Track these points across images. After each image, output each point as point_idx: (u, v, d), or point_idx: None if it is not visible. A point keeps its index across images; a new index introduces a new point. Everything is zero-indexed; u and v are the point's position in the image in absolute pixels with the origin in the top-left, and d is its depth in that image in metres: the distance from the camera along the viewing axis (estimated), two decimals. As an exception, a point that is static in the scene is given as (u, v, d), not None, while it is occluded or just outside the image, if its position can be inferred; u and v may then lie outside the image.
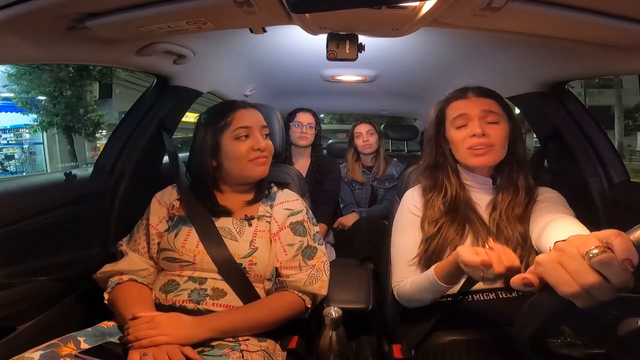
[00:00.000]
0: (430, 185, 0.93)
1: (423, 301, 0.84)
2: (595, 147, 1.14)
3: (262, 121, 0.97)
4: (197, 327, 0.75)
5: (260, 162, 0.93)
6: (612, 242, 0.39)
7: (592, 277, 0.39)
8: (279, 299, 0.89)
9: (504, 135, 0.84)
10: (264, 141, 0.94)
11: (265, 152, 0.94)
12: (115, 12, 0.70)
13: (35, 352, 0.66)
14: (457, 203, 0.89)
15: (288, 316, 0.88)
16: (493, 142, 0.83)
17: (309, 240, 0.95)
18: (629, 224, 0.41)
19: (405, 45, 1.20)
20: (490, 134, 0.83)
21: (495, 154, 0.84)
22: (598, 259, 0.39)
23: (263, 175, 0.96)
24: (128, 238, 0.96)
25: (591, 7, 0.67)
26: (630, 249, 0.38)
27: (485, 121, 0.84)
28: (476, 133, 0.83)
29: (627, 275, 0.37)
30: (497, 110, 0.85)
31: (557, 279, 0.41)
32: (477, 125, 0.83)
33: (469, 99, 0.87)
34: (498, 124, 0.84)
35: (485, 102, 0.86)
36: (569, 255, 0.41)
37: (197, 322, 0.76)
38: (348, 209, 1.98)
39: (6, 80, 8.00)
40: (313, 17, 0.78)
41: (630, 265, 0.37)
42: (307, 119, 1.83)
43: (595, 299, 0.39)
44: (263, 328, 0.83)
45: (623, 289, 0.38)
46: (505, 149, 0.86)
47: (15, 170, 9.68)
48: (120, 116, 6.02)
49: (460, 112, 0.87)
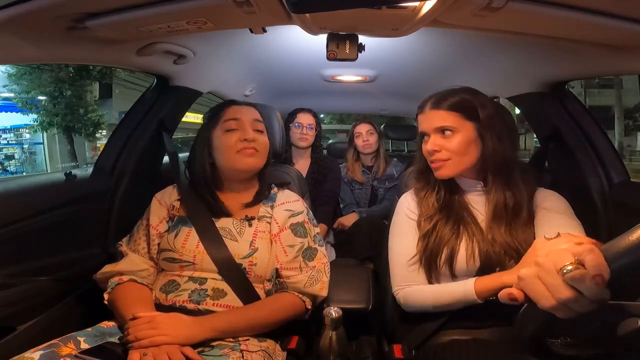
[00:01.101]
0: (423, 185, 0.94)
1: (438, 309, 0.83)
2: (595, 147, 1.14)
3: (255, 116, 0.97)
4: (197, 327, 0.75)
5: (247, 152, 0.91)
6: (585, 258, 0.40)
7: (566, 292, 0.41)
8: (280, 300, 0.89)
9: (459, 146, 0.83)
10: (254, 134, 0.93)
11: (255, 144, 0.93)
12: (115, 12, 0.70)
13: (35, 352, 0.66)
14: (451, 200, 0.89)
15: (288, 317, 0.88)
16: (447, 157, 0.84)
17: (309, 242, 0.95)
18: (629, 224, 0.41)
19: (405, 45, 1.20)
20: (444, 147, 0.83)
21: (450, 166, 0.85)
22: (570, 275, 0.40)
23: (252, 167, 0.94)
24: (128, 238, 0.96)
25: (591, 7, 0.67)
26: (601, 264, 0.39)
27: (439, 135, 0.85)
28: (428, 151, 0.86)
29: (599, 289, 0.39)
30: (450, 122, 0.83)
31: (536, 293, 0.44)
32: (430, 142, 0.85)
33: (425, 113, 0.87)
34: (452, 135, 0.83)
35: (437, 116, 0.84)
36: (546, 271, 0.43)
37: (198, 322, 0.76)
38: (348, 209, 1.98)
39: (6, 80, 8.02)
40: (313, 17, 0.78)
41: (601, 280, 0.39)
42: (308, 119, 1.83)
43: (574, 311, 0.41)
44: (263, 328, 0.83)
45: (599, 302, 0.40)
46: (471, 154, 0.84)
47: (15, 170, 9.69)
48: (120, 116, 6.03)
49: (420, 129, 0.89)
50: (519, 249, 0.79)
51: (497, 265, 0.80)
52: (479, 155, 0.84)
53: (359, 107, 2.87)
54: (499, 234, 0.82)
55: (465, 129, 0.83)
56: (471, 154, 0.84)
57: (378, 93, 2.05)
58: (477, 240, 0.83)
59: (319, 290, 0.91)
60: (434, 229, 0.86)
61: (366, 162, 2.06)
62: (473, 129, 0.83)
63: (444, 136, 0.84)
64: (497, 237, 0.82)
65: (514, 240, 0.81)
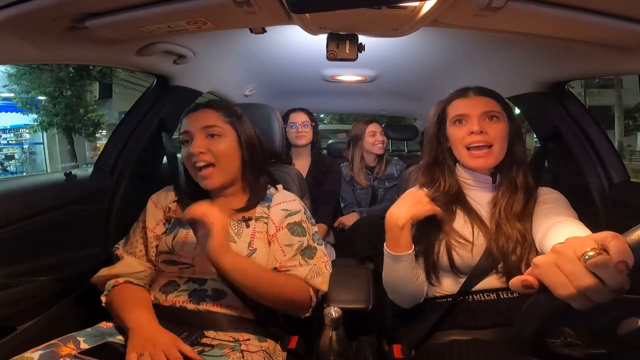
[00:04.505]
0: (427, 181, 0.94)
1: (395, 290, 0.88)
2: (595, 147, 1.14)
3: (207, 121, 0.88)
4: (227, 247, 0.76)
5: (203, 175, 0.86)
6: (608, 244, 0.39)
7: (587, 280, 0.39)
8: (290, 279, 0.86)
9: (502, 133, 0.84)
10: (207, 141, 0.86)
11: (208, 156, 0.86)
12: (115, 12, 0.70)
13: (35, 352, 0.66)
14: (454, 195, 0.89)
15: (294, 299, 0.84)
16: (491, 141, 0.83)
17: (308, 240, 0.93)
18: (629, 224, 0.41)
19: (405, 45, 1.20)
20: (489, 132, 0.83)
21: (493, 155, 0.84)
22: (593, 261, 0.39)
23: (215, 186, 0.88)
24: (124, 241, 0.95)
25: (591, 7, 0.67)
26: (625, 251, 0.38)
27: (484, 119, 0.84)
28: (474, 130, 0.83)
29: (623, 277, 0.38)
30: (497, 109, 0.85)
31: (553, 281, 0.41)
32: (475, 123, 0.83)
33: (469, 98, 0.87)
34: (498, 121, 0.84)
35: (485, 101, 0.86)
36: (565, 258, 0.41)
37: (227, 245, 0.76)
38: (349, 209, 1.97)
39: (6, 80, 8.03)
40: (313, 17, 0.78)
41: (625, 267, 0.37)
42: (301, 117, 1.82)
43: (592, 301, 0.39)
44: (269, 293, 0.81)
45: (619, 291, 0.38)
46: (505, 150, 0.86)
47: (15, 170, 9.69)
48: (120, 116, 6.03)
49: (459, 111, 0.87)
50: (525, 237, 0.81)
51: (501, 260, 0.81)
52: (505, 153, 0.86)
53: (358, 107, 2.87)
54: (508, 224, 0.83)
55: (504, 122, 0.86)
56: (504, 149, 0.86)
57: (378, 93, 2.05)
58: (481, 236, 0.83)
59: (320, 284, 0.88)
60: (435, 224, 0.86)
61: (370, 162, 2.04)
62: (508, 126, 0.86)
63: (490, 121, 0.84)
64: (505, 229, 0.83)
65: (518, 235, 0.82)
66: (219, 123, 0.89)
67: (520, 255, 0.80)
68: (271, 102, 1.91)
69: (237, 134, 0.91)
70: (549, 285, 0.42)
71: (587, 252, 0.40)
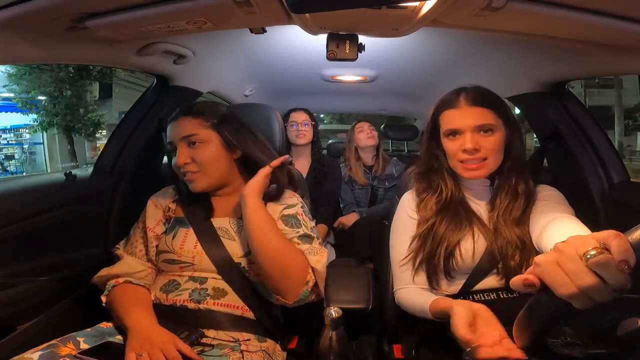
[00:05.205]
0: (425, 186, 0.93)
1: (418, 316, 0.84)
2: (595, 147, 1.14)
3: (185, 130, 0.87)
4: (259, 192, 0.83)
5: (189, 179, 0.88)
6: (610, 243, 0.39)
7: (589, 279, 0.39)
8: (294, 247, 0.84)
9: (497, 146, 0.82)
10: (189, 151, 0.86)
11: (192, 165, 0.86)
12: (115, 12, 0.70)
13: (34, 353, 0.66)
14: (451, 201, 0.88)
15: (291, 270, 0.81)
16: (485, 155, 0.81)
17: (305, 230, 0.89)
18: (629, 224, 0.41)
19: (405, 45, 1.20)
20: (483, 145, 0.81)
21: (487, 167, 0.83)
22: (595, 260, 0.39)
23: (202, 189, 0.89)
24: (125, 241, 0.95)
25: (591, 7, 0.67)
26: (627, 250, 0.38)
27: (478, 133, 0.81)
28: (467, 149, 0.80)
29: (624, 276, 0.37)
30: (491, 120, 0.81)
31: (555, 280, 0.41)
32: (468, 140, 0.80)
33: (460, 109, 0.83)
34: (492, 134, 0.81)
35: (478, 114, 0.81)
36: (567, 257, 0.41)
37: (260, 191, 0.84)
38: (348, 209, 1.98)
39: (6, 80, 8.03)
40: (313, 17, 0.78)
41: (627, 266, 0.37)
42: (301, 117, 1.83)
43: (593, 300, 0.39)
44: (276, 253, 0.79)
45: (620, 290, 0.38)
46: (500, 159, 0.84)
47: (15, 170, 9.70)
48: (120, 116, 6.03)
49: (452, 126, 0.84)
50: (525, 242, 0.80)
51: (501, 261, 0.81)
52: (502, 158, 0.84)
53: (358, 107, 2.87)
54: (506, 229, 0.82)
55: (499, 132, 0.82)
56: (500, 156, 0.84)
57: (378, 93, 2.05)
58: (482, 237, 0.83)
59: (316, 263, 0.83)
60: (433, 231, 0.86)
61: (367, 161, 2.05)
62: (504, 134, 0.83)
63: (484, 134, 0.81)
64: (504, 233, 0.82)
65: (517, 241, 0.81)
66: (198, 130, 0.87)
67: (520, 259, 0.79)
68: (271, 102, 1.91)
69: (220, 137, 0.89)
70: (550, 284, 0.42)
71: (588, 251, 0.39)
